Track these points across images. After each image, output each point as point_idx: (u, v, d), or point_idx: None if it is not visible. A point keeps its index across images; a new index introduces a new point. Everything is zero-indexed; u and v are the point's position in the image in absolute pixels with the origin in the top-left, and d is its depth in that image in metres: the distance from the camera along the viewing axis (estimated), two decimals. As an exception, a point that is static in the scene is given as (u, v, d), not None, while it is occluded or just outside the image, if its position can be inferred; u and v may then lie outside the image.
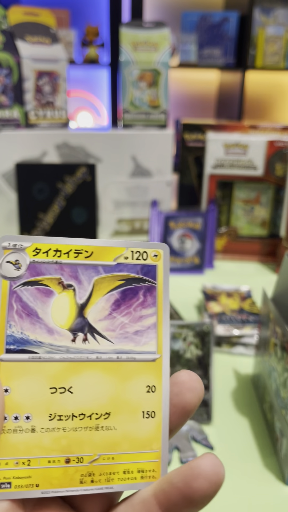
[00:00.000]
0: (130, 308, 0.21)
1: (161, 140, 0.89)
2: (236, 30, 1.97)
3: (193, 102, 2.31)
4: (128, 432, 0.20)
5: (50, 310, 0.20)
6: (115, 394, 0.20)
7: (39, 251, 0.20)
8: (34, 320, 0.20)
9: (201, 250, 0.81)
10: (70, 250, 0.20)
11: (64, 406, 0.19)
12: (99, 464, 0.19)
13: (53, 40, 0.87)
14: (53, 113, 0.88)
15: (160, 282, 0.21)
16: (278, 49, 1.96)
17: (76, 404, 0.19)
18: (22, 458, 0.19)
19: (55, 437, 0.19)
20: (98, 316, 0.20)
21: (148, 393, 0.20)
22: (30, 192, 0.80)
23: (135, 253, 0.21)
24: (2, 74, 0.81)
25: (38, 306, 0.20)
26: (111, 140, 0.87)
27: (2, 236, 0.20)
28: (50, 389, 0.19)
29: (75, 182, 0.81)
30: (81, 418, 0.19)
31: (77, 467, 0.19)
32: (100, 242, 0.21)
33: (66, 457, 0.19)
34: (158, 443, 0.20)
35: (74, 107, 2.17)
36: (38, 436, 0.19)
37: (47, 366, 0.19)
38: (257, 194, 0.87)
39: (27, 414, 0.19)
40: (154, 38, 0.86)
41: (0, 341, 0.19)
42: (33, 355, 0.19)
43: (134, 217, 0.92)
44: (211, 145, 0.83)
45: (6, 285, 0.20)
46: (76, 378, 0.20)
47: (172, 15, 2.09)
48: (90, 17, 2.08)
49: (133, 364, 0.20)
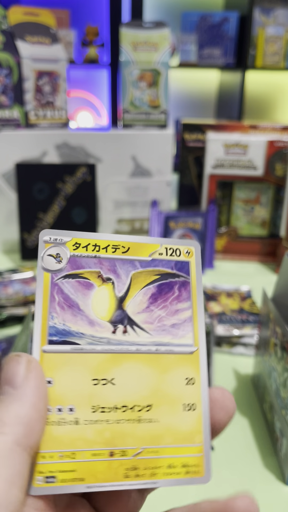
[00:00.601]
0: (167, 302, 0.21)
1: (161, 140, 0.89)
2: (236, 30, 1.97)
3: (193, 102, 2.31)
4: (171, 425, 0.19)
5: (90, 302, 0.20)
6: (156, 386, 0.20)
7: (79, 245, 0.21)
8: (75, 312, 0.20)
9: (201, 250, 0.81)
10: (108, 245, 0.21)
11: (106, 398, 0.19)
12: (143, 457, 0.19)
13: (53, 40, 0.87)
14: (53, 113, 0.88)
15: (194, 278, 0.22)
16: (278, 49, 1.96)
17: (118, 396, 0.19)
18: (66, 451, 0.18)
19: (99, 430, 0.19)
20: (136, 309, 0.21)
21: (188, 386, 0.20)
22: (30, 192, 0.80)
23: (169, 249, 0.22)
24: (2, 74, 0.81)
25: (79, 298, 0.20)
26: (111, 140, 0.87)
27: (43, 230, 0.21)
28: (93, 381, 0.19)
29: (75, 182, 0.81)
30: (124, 410, 0.19)
31: (121, 461, 0.19)
32: (136, 238, 0.21)
33: (109, 450, 0.19)
34: (200, 437, 0.20)
35: (74, 107, 2.17)
36: (81, 429, 0.19)
37: (89, 357, 0.19)
38: (257, 194, 0.87)
39: (70, 406, 0.19)
40: (154, 38, 0.86)
41: (43, 332, 0.19)
42: (75, 346, 0.19)
43: (134, 217, 0.92)
44: (211, 145, 0.83)
45: (48, 277, 0.20)
46: (117, 369, 0.20)
47: (172, 15, 2.09)
48: (90, 17, 2.08)
49: (172, 356, 0.20)
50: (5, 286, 0.67)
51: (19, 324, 0.61)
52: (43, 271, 0.20)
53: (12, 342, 0.56)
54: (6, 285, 0.68)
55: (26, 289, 0.67)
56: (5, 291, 0.66)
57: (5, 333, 0.60)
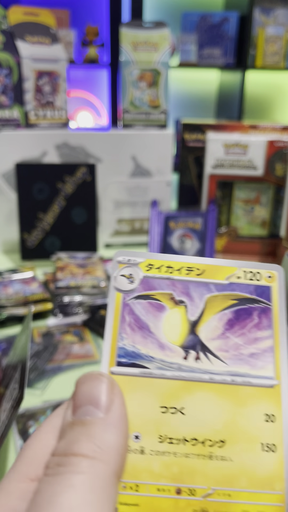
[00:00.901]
0: (245, 329, 0.19)
1: (161, 140, 0.89)
2: (236, 30, 1.97)
3: (193, 102, 2.31)
4: (246, 466, 0.17)
5: (161, 325, 0.19)
6: (231, 420, 0.18)
7: (152, 266, 0.20)
8: (145, 334, 0.19)
9: (201, 250, 0.81)
10: (182, 267, 0.20)
11: (175, 428, 0.18)
12: (214, 500, 0.17)
13: (53, 40, 0.87)
14: (53, 113, 0.88)
15: (276, 304, 0.20)
16: (278, 49, 1.96)
17: (188, 427, 0.18)
18: (129, 482, 0.17)
19: (165, 462, 0.17)
20: (210, 335, 0.19)
21: (267, 423, 0.18)
22: (30, 192, 0.80)
23: (248, 273, 0.20)
24: (2, 74, 0.81)
25: (150, 320, 0.19)
26: (111, 140, 0.87)
27: (117, 251, 0.20)
28: (161, 408, 0.18)
29: (75, 182, 0.81)
30: (193, 443, 0.17)
31: (189, 501, 0.17)
32: (212, 261, 0.20)
33: (177, 487, 0.17)
34: (281, 484, 0.17)
35: (74, 107, 2.17)
36: (147, 459, 0.17)
37: (158, 382, 0.18)
38: (257, 194, 0.87)
39: (136, 433, 0.17)
40: (154, 38, 0.86)
41: (111, 353, 0.19)
42: (145, 370, 0.18)
43: (134, 217, 0.92)
44: (211, 145, 0.83)
45: (119, 297, 0.19)
46: (188, 398, 0.18)
47: (172, 15, 2.09)
48: (90, 17, 2.08)
49: (249, 389, 0.18)
50: (5, 286, 0.67)
51: (19, 324, 0.61)
52: (116, 291, 0.19)
53: (12, 342, 0.56)
54: (6, 285, 0.68)
55: (26, 289, 0.67)
56: (5, 291, 0.66)
57: (5, 333, 0.59)
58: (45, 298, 0.64)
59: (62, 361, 0.54)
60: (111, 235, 0.92)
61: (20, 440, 0.41)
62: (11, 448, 0.41)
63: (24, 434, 0.42)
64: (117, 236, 0.92)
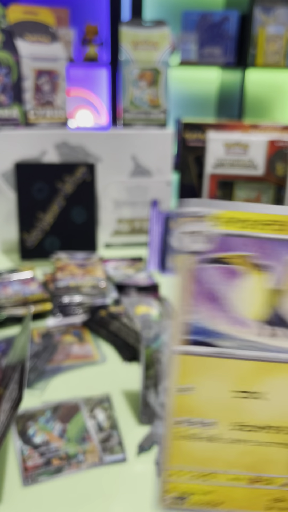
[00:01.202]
0: None
1: (161, 139, 0.89)
2: (236, 29, 1.96)
3: (193, 101, 2.30)
4: None
5: (237, 296, 0.17)
6: None
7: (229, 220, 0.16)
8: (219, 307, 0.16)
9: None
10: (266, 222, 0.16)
11: (251, 414, 0.16)
12: None
13: (53, 38, 0.86)
14: (53, 112, 0.87)
15: None
16: (278, 48, 1.96)
17: (267, 414, 0.16)
18: (202, 470, 0.16)
19: (241, 451, 0.16)
20: None
21: None
22: (30, 191, 0.80)
23: None
24: (2, 73, 0.80)
25: (224, 289, 0.16)
26: (111, 140, 0.87)
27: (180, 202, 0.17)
28: (237, 393, 0.16)
29: (75, 182, 0.81)
30: (273, 431, 0.16)
31: (265, 490, 0.16)
32: None
33: (252, 476, 0.16)
34: None
35: (73, 106, 2.17)
36: (221, 447, 0.16)
37: (234, 364, 0.16)
38: (258, 193, 0.87)
39: (210, 419, 0.16)
40: (154, 37, 0.85)
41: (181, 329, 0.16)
42: (220, 349, 0.16)
43: (134, 217, 0.91)
44: (212, 145, 0.83)
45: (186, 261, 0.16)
46: (266, 382, 0.16)
47: (173, 14, 2.09)
48: (89, 16, 2.07)
49: None
50: (4, 287, 0.67)
51: (19, 324, 0.61)
52: (182, 254, 0.16)
53: (11, 343, 0.56)
54: (5, 286, 0.67)
55: (26, 289, 0.66)
56: (4, 291, 0.66)
57: (4, 333, 0.59)
58: (45, 298, 0.64)
59: (62, 361, 0.54)
60: (111, 235, 0.92)
61: (19, 440, 0.41)
62: (11, 449, 0.41)
63: (23, 435, 0.41)
64: (117, 236, 0.92)
